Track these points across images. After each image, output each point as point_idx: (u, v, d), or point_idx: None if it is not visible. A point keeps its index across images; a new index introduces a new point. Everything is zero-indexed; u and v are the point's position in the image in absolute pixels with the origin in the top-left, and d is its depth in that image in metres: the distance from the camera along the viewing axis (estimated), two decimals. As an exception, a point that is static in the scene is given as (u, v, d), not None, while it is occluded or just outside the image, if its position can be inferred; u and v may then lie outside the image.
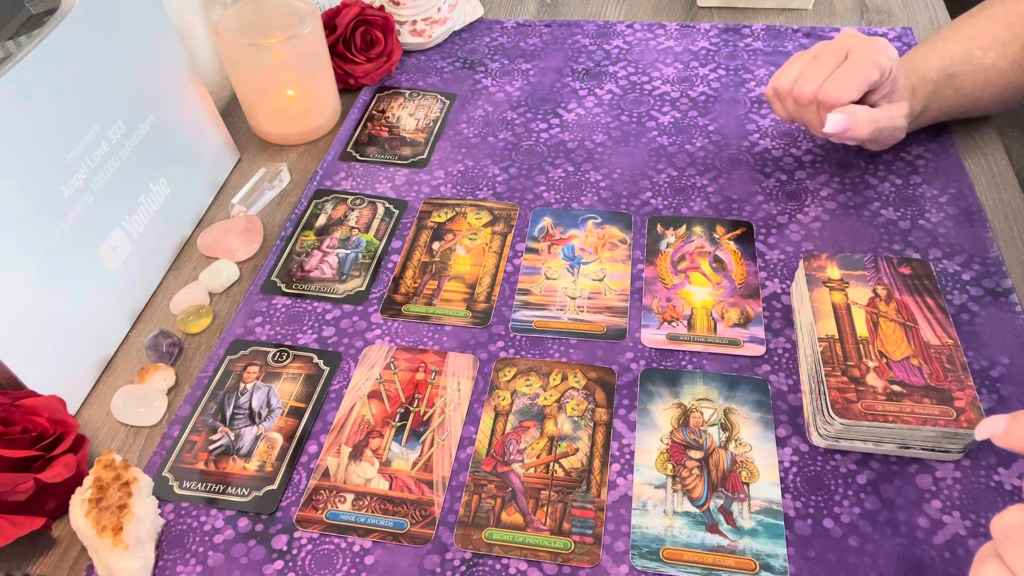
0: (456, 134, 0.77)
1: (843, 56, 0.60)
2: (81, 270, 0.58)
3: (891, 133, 0.63)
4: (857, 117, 0.59)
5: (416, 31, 0.86)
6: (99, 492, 0.48)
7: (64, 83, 0.56)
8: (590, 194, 0.70)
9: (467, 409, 0.55)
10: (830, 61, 0.60)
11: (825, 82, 0.59)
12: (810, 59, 0.61)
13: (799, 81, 0.61)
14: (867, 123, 0.60)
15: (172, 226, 0.68)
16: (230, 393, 0.57)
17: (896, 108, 0.62)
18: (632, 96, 0.79)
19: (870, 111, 0.60)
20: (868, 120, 0.60)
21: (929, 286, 0.54)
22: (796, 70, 0.61)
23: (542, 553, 0.47)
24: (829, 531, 0.48)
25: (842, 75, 0.59)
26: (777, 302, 0.60)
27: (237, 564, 0.48)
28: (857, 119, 0.59)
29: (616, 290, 0.62)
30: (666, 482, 0.50)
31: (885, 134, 0.63)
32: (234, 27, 0.72)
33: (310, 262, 0.66)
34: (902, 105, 0.62)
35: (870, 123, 0.60)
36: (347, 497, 0.51)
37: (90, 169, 0.58)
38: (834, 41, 0.61)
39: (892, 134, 0.63)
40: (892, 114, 0.61)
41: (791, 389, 0.55)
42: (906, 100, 0.62)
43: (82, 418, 0.57)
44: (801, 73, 0.61)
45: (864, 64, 0.58)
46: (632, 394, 0.55)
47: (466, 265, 0.65)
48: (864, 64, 0.58)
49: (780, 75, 0.62)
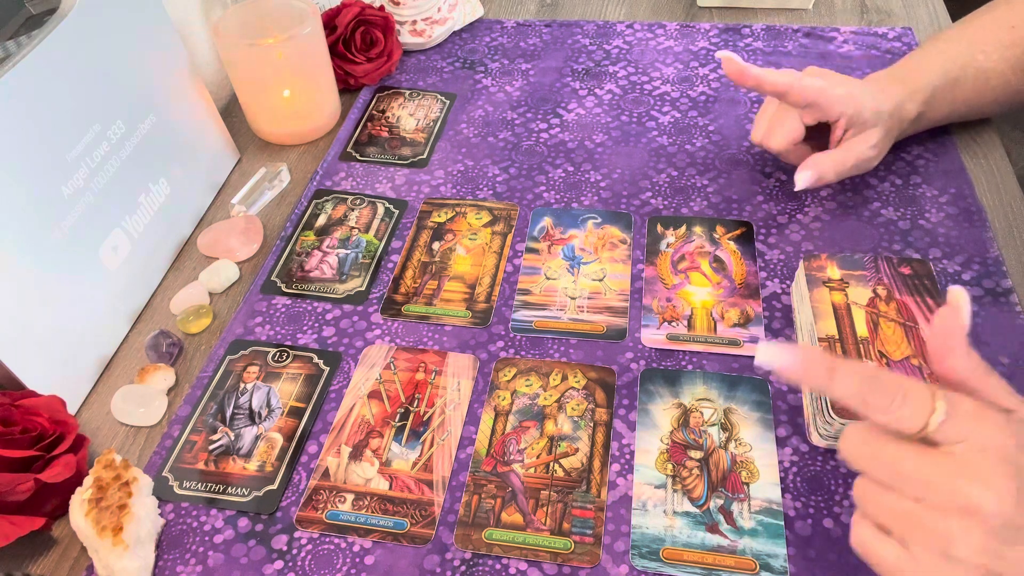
0: (456, 134, 0.77)
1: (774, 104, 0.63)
2: (81, 270, 0.58)
3: (865, 164, 0.63)
4: (822, 168, 0.61)
5: (416, 31, 0.86)
6: (99, 492, 0.48)
7: (64, 83, 0.56)
8: (590, 194, 0.70)
9: (467, 409, 0.55)
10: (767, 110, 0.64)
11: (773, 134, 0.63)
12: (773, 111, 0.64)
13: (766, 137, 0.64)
14: (833, 170, 0.61)
15: (172, 226, 0.68)
16: (230, 393, 0.57)
17: (862, 140, 0.62)
18: (632, 96, 0.79)
19: (834, 156, 0.61)
20: (834, 166, 0.61)
21: (929, 286, 0.54)
22: (764, 125, 0.64)
23: (542, 553, 0.47)
24: (829, 531, 0.48)
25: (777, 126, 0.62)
26: (777, 302, 0.60)
27: (237, 564, 0.48)
28: (823, 169, 0.61)
29: (616, 290, 0.62)
30: (666, 482, 0.50)
31: (859, 169, 0.63)
32: (234, 27, 0.72)
33: (310, 262, 0.66)
34: (870, 134, 0.62)
35: (836, 168, 0.61)
36: (347, 497, 0.51)
37: (90, 169, 0.58)
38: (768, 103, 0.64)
39: (863, 166, 0.63)
40: (858, 150, 0.62)
41: (791, 389, 0.55)
42: (878, 126, 0.62)
43: (82, 418, 0.57)
44: (768, 128, 0.64)
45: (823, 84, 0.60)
46: (632, 394, 0.55)
47: (466, 265, 0.65)
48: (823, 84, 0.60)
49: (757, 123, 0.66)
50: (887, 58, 0.80)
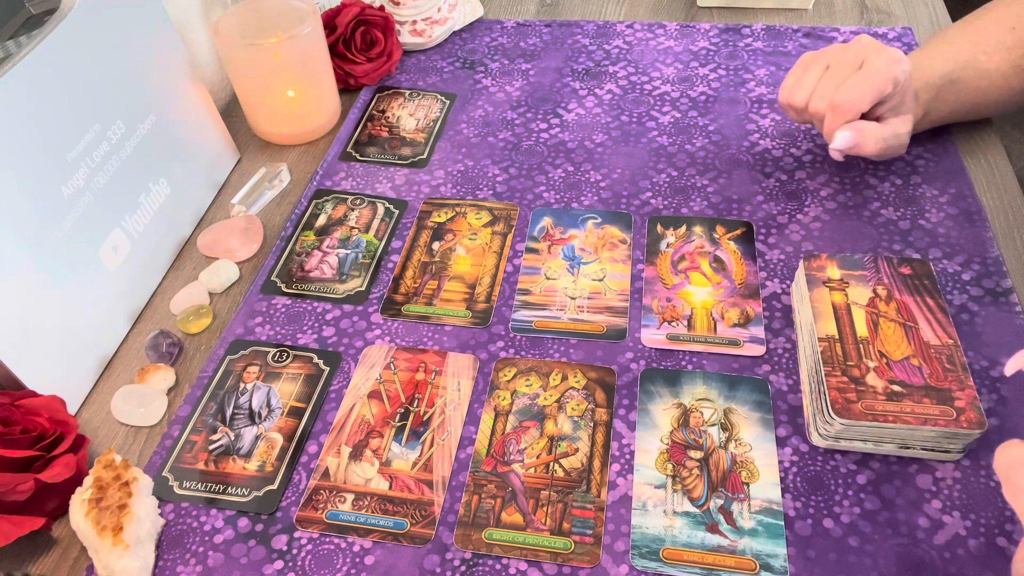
0: (456, 134, 0.77)
1: (857, 65, 0.59)
2: (81, 270, 0.58)
3: (896, 148, 0.62)
4: (865, 134, 0.59)
5: (416, 31, 0.86)
6: (99, 492, 0.48)
7: (64, 83, 0.56)
8: (590, 194, 0.70)
9: (467, 409, 0.55)
10: (843, 72, 0.59)
11: (839, 88, 0.58)
12: (822, 69, 0.60)
13: (814, 98, 0.60)
14: (875, 140, 0.59)
15: (172, 226, 0.68)
16: (230, 393, 0.57)
17: (902, 122, 0.61)
18: (632, 96, 0.79)
19: (878, 128, 0.59)
20: (876, 137, 0.59)
21: (929, 286, 0.54)
22: (810, 83, 0.60)
23: (542, 553, 0.47)
24: (829, 531, 0.48)
25: (855, 84, 0.58)
26: (777, 302, 0.60)
27: (237, 564, 0.48)
28: (865, 136, 0.59)
29: (616, 290, 0.62)
30: (666, 482, 0.50)
31: (891, 150, 0.62)
32: (234, 27, 0.72)
33: (310, 262, 0.66)
34: (907, 119, 0.61)
35: (878, 140, 0.59)
36: (347, 497, 0.51)
37: (90, 169, 0.58)
38: (848, 48, 0.60)
39: (897, 149, 0.63)
40: (898, 130, 0.61)
41: (791, 389, 0.55)
42: (912, 113, 0.62)
43: (82, 418, 0.57)
44: (816, 89, 0.60)
45: (879, 75, 0.58)
46: (632, 394, 0.55)
47: (466, 265, 0.65)
48: (879, 75, 0.58)
49: (794, 89, 0.61)
50: (887, 58, 0.80)
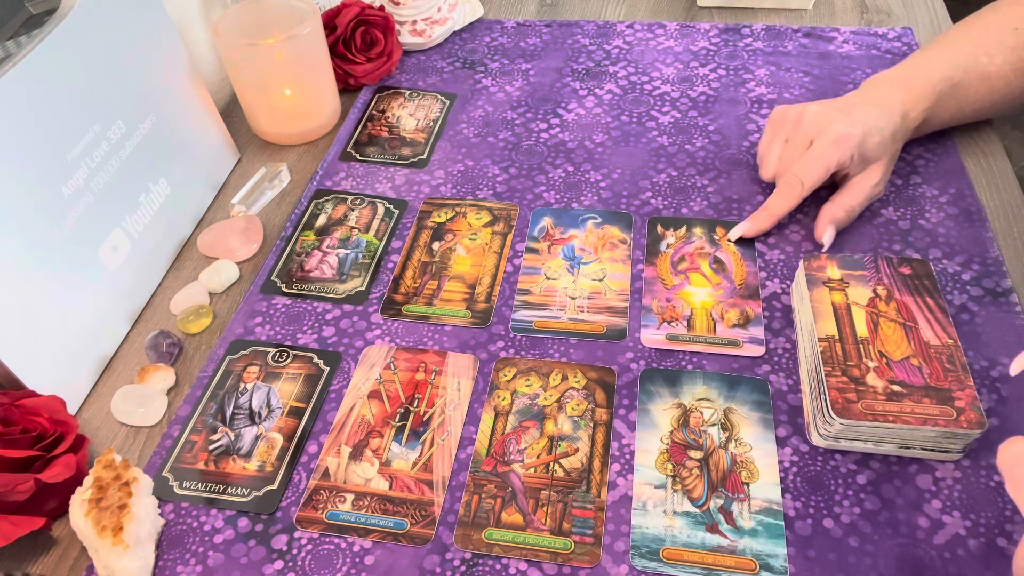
0: (456, 134, 0.77)
1: (807, 144, 0.63)
2: (81, 270, 0.58)
3: (873, 198, 0.64)
4: (839, 220, 0.62)
5: (416, 31, 0.86)
6: (99, 492, 0.48)
7: (64, 83, 0.56)
8: (590, 194, 0.70)
9: (467, 409, 0.55)
10: (799, 148, 0.63)
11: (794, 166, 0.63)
12: (782, 143, 0.65)
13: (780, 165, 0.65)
14: (847, 216, 0.63)
15: (172, 226, 0.68)
16: (230, 393, 0.57)
17: (868, 177, 0.63)
18: (632, 96, 0.79)
19: (844, 205, 0.62)
20: (848, 213, 0.62)
21: (929, 286, 0.54)
22: (775, 157, 0.65)
23: (542, 553, 0.47)
24: (829, 531, 0.48)
25: (802, 168, 0.62)
26: (777, 302, 0.60)
27: (237, 564, 0.48)
28: (840, 221, 0.62)
29: (616, 290, 0.62)
30: (666, 482, 0.50)
31: (866, 204, 0.64)
32: (234, 27, 0.72)
33: (310, 262, 0.66)
34: (874, 170, 0.63)
35: (849, 214, 0.63)
36: (347, 497, 0.51)
37: (90, 169, 0.58)
38: (799, 129, 0.63)
39: (874, 198, 0.64)
40: (864, 188, 0.63)
41: (791, 389, 0.55)
42: (882, 159, 0.63)
43: (82, 418, 0.57)
44: (780, 157, 0.65)
45: (821, 159, 0.61)
46: (632, 394, 0.55)
47: (466, 265, 0.65)
48: (821, 159, 0.61)
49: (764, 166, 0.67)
50: (887, 58, 0.80)
